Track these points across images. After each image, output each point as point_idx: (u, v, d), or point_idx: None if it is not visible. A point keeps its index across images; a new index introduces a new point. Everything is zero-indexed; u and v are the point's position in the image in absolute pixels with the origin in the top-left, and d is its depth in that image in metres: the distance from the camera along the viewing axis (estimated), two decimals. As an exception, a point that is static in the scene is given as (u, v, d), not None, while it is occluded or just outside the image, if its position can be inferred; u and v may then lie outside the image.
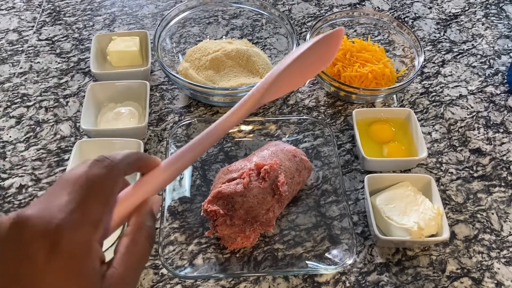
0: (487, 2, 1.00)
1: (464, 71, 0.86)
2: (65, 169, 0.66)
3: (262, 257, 0.60)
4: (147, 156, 0.34)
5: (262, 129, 0.72)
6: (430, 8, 0.98)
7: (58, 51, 0.86)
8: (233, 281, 0.58)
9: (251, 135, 0.72)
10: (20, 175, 0.68)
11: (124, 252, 0.30)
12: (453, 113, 0.78)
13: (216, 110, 0.77)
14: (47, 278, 0.26)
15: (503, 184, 0.69)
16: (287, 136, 0.72)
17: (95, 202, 0.29)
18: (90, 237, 0.28)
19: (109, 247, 0.52)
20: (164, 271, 0.58)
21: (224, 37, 0.87)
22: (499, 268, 0.60)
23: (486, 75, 0.85)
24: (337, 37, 0.41)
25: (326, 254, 0.59)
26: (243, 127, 0.72)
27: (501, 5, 1.00)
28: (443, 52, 0.89)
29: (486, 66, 0.86)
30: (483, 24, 0.95)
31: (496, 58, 0.88)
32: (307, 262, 0.59)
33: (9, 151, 0.71)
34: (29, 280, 0.26)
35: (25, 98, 0.78)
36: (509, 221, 0.65)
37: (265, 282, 0.58)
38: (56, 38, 0.89)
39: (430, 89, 0.82)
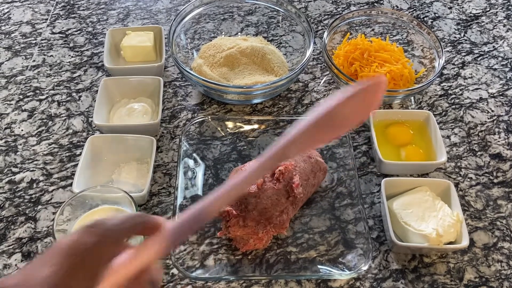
0: (508, 3, 0.98)
1: (485, 73, 0.83)
2: (76, 165, 0.65)
3: (274, 259, 0.58)
4: (149, 219, 0.31)
5: (276, 129, 0.71)
6: (450, 8, 0.96)
7: (71, 44, 0.85)
8: (244, 284, 0.57)
9: (264, 135, 0.70)
10: (31, 169, 0.67)
11: None
12: (473, 117, 0.76)
13: (230, 108, 0.76)
14: None
15: (524, 191, 0.67)
16: (301, 136, 0.70)
17: (79, 275, 0.27)
18: None
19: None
20: (174, 271, 0.57)
21: (239, 34, 0.86)
22: (519, 278, 0.58)
23: (508, 78, 0.83)
24: (377, 88, 0.35)
25: (340, 259, 0.58)
26: (256, 126, 0.71)
27: (523, 6, 0.97)
28: (463, 54, 0.86)
29: (507, 69, 0.84)
30: (504, 25, 0.92)
31: (518, 61, 0.85)
32: (320, 266, 0.57)
33: (20, 145, 0.70)
34: None
35: (37, 91, 0.78)
36: (530, 230, 0.63)
37: (277, 285, 0.57)
38: (69, 31, 0.88)
39: (449, 91, 0.80)
